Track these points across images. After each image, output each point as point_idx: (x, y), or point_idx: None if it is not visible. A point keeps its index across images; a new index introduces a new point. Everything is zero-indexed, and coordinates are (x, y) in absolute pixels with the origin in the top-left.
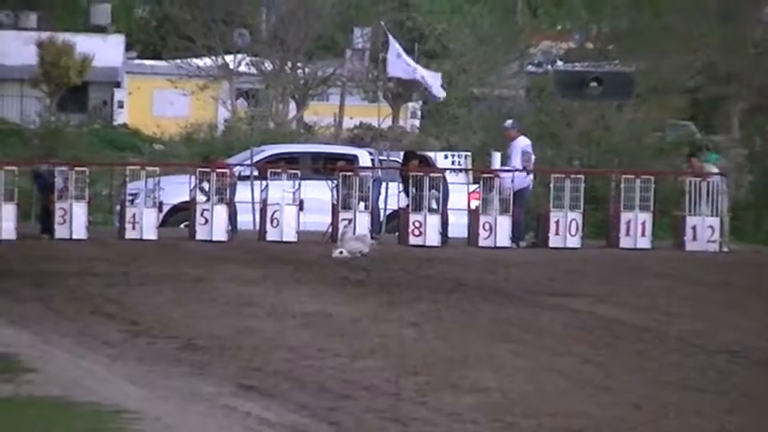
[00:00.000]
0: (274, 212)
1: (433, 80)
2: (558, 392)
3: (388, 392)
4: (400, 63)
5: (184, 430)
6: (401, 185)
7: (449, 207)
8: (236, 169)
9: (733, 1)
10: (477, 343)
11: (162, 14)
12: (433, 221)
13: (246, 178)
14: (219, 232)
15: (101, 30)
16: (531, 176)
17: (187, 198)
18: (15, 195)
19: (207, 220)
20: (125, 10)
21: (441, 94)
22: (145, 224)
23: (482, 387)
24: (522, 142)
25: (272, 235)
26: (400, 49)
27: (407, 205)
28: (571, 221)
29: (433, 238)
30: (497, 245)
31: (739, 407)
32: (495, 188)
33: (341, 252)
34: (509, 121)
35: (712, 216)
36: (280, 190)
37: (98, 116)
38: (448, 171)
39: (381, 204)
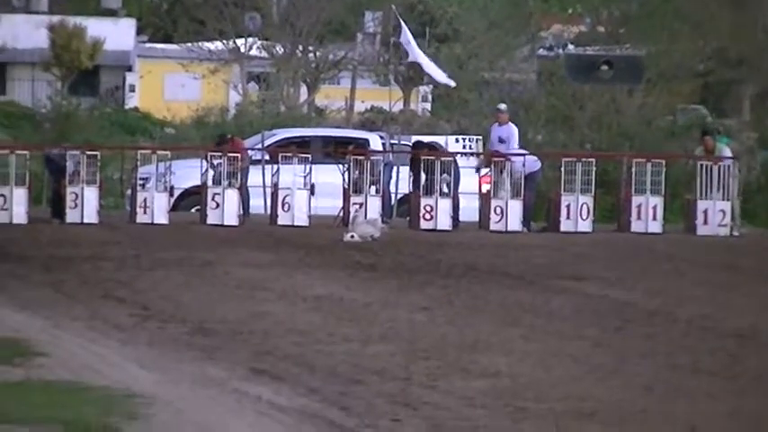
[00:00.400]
0: (285, 196)
1: (436, 71)
2: (568, 376)
3: (399, 377)
4: (412, 49)
5: (195, 414)
6: (411, 172)
7: (460, 191)
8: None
9: None
10: (488, 327)
11: None
12: (444, 205)
13: (258, 162)
14: (231, 216)
15: (112, 13)
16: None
17: (198, 182)
18: (27, 179)
19: (218, 205)
20: None
21: (446, 81)
22: (156, 208)
23: (493, 371)
24: (514, 126)
25: (283, 219)
26: (410, 35)
27: (418, 189)
28: (582, 205)
29: (444, 222)
30: (508, 229)
31: (750, 390)
32: (507, 172)
33: (352, 236)
34: (503, 105)
35: (723, 200)
36: (291, 174)
37: (111, 100)
38: (459, 155)
39: (392, 188)
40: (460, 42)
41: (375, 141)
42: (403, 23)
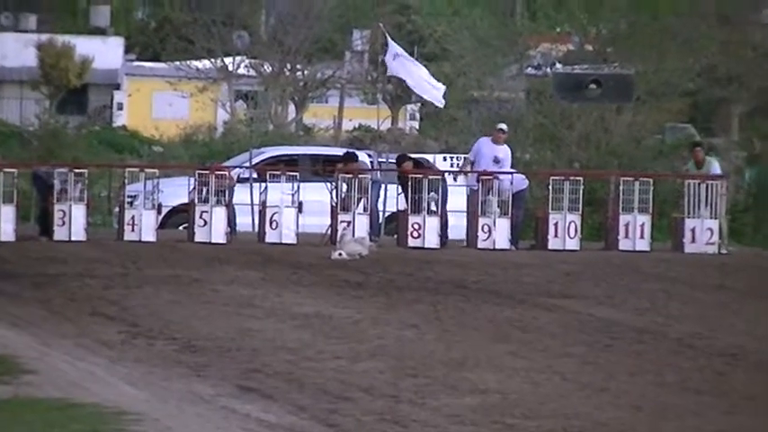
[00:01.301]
0: (273, 214)
1: (435, 89)
2: (557, 394)
3: (388, 394)
4: (398, 63)
5: (183, 431)
6: (399, 188)
7: (447, 209)
8: (235, 171)
9: (732, 3)
10: (477, 344)
11: (161, 16)
12: (432, 223)
13: (246, 180)
14: (218, 234)
15: (100, 32)
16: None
17: (186, 200)
18: (15, 197)
19: (206, 222)
20: (124, 12)
21: (439, 102)
22: (144, 226)
23: (481, 388)
24: (508, 148)
25: (271, 237)
26: (400, 50)
27: (406, 207)
28: (570, 223)
29: (431, 240)
30: (496, 247)
31: (738, 409)
32: (494, 190)
33: (340, 254)
34: (505, 126)
35: (711, 218)
36: (279, 192)
37: (99, 118)
38: (447, 173)
39: (380, 206)
40: (449, 61)
41: (362, 158)
42: (390, 40)
